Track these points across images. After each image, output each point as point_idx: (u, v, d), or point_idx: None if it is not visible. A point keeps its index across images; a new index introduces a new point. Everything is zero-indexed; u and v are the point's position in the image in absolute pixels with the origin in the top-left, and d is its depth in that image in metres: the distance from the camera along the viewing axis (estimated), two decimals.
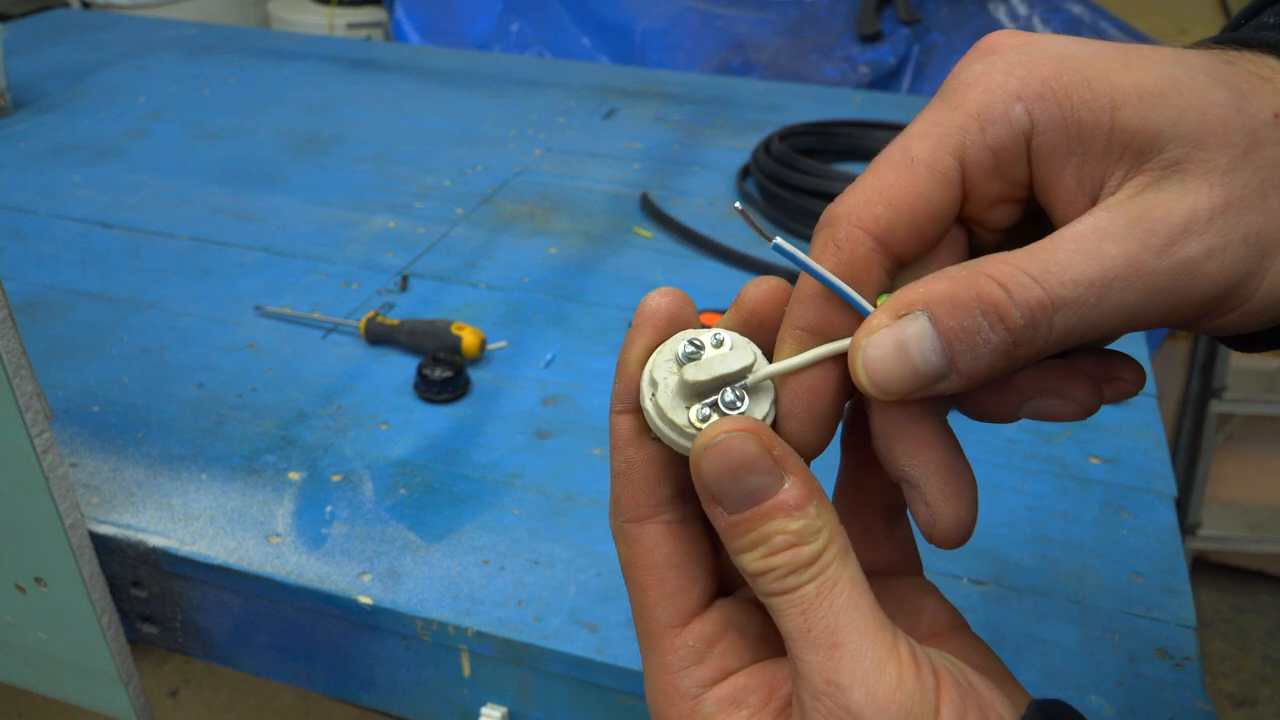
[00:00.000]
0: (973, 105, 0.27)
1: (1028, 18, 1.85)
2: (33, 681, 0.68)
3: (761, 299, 0.30)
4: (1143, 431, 0.73)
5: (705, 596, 0.30)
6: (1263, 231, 0.25)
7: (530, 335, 0.83)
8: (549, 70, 1.46)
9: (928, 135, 0.28)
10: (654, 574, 0.30)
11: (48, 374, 0.76)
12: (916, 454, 0.29)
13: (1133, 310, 0.25)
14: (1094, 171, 0.27)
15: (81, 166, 1.12)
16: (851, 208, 0.28)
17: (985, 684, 0.27)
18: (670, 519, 0.30)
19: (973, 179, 0.28)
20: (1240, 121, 0.26)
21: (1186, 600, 0.59)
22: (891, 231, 0.28)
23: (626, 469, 0.30)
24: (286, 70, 1.43)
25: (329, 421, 0.72)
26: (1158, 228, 0.25)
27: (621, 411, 0.30)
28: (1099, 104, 0.26)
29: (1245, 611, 1.89)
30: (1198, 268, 0.25)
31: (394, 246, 0.96)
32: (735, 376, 0.28)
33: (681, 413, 0.28)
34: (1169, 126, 0.26)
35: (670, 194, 1.07)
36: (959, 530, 0.29)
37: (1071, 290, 0.25)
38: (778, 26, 1.90)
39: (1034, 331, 0.26)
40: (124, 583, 0.64)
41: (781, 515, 0.26)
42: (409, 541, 0.62)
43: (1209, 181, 0.25)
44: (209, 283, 0.90)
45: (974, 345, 0.26)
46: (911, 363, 0.27)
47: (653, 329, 0.29)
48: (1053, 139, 0.27)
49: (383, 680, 0.61)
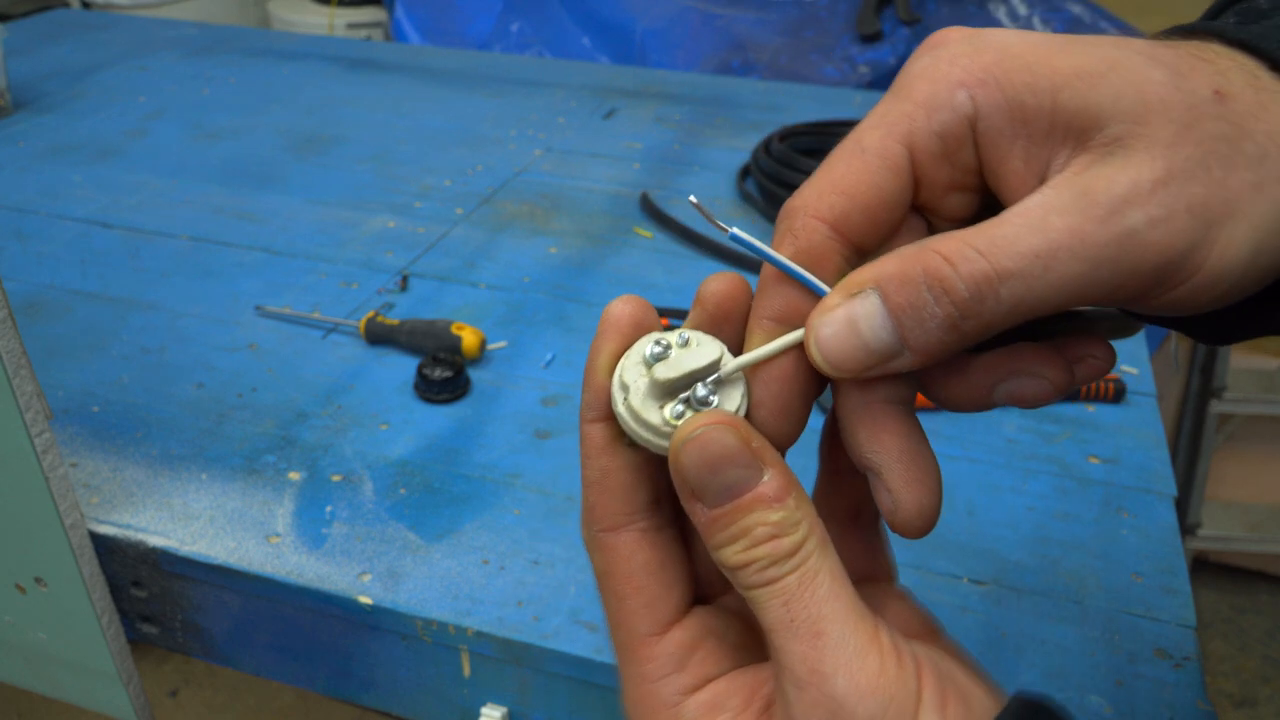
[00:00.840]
0: (919, 95, 0.28)
1: (1028, 18, 1.85)
2: (33, 681, 0.68)
3: (723, 294, 0.30)
4: (1143, 431, 0.73)
5: (683, 604, 0.30)
6: (1207, 201, 0.25)
7: (530, 335, 0.83)
8: (549, 70, 1.46)
9: (877, 126, 0.29)
10: (631, 582, 0.30)
11: (48, 374, 0.76)
12: (878, 440, 0.29)
13: (1079, 280, 0.26)
14: (1040, 153, 0.27)
15: (81, 166, 1.12)
16: (807, 199, 0.29)
17: (964, 674, 0.27)
18: (645, 526, 0.30)
19: (922, 165, 0.29)
20: (1179, 98, 0.26)
21: (1186, 600, 0.59)
22: (846, 219, 0.28)
23: (600, 478, 0.30)
24: (286, 70, 1.43)
25: (329, 421, 0.72)
26: (1100, 199, 0.25)
27: (593, 420, 0.30)
28: (1040, 87, 0.27)
29: (1245, 611, 1.89)
30: (1141, 237, 0.25)
31: (394, 246, 0.96)
32: (705, 371, 0.28)
33: (655, 412, 0.28)
34: (1109, 105, 0.26)
35: (670, 194, 1.07)
36: (921, 517, 0.29)
37: (1017, 262, 0.25)
38: (778, 26, 1.90)
39: (980, 304, 0.26)
40: (124, 583, 0.64)
41: (762, 507, 0.27)
42: (409, 541, 0.62)
43: (1150, 155, 0.26)
44: (209, 283, 0.90)
45: (921, 319, 0.26)
46: (862, 339, 0.27)
47: (618, 334, 0.30)
48: (997, 123, 0.27)
49: (383, 680, 0.61)
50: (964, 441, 0.72)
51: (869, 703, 0.25)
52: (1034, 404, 0.30)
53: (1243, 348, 1.80)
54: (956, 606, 0.59)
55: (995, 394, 0.30)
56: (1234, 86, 0.26)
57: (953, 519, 0.65)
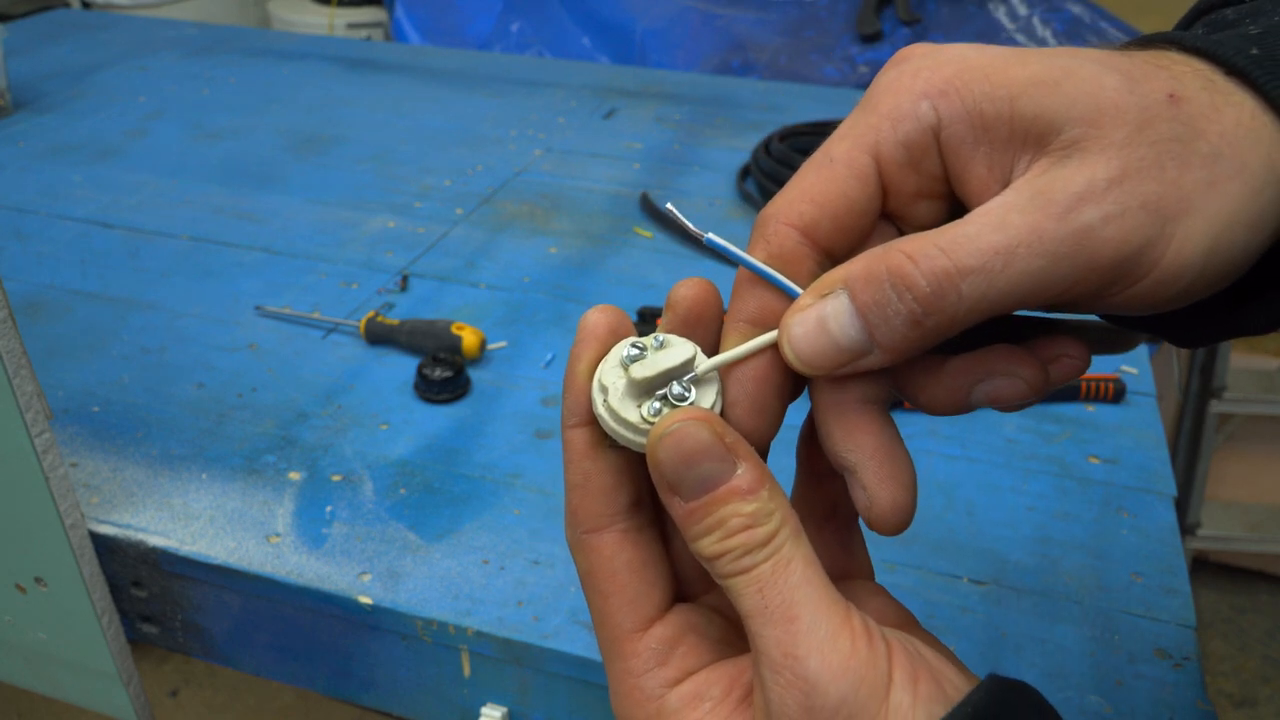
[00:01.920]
0: (884, 108, 0.30)
1: (1028, 18, 1.85)
2: (33, 681, 0.68)
3: (694, 298, 0.31)
4: (1143, 431, 0.73)
5: (665, 601, 0.31)
6: (1161, 198, 0.26)
7: (530, 335, 0.83)
8: (549, 70, 1.46)
9: (845, 137, 0.30)
10: (615, 581, 0.31)
11: (48, 374, 0.76)
12: (853, 439, 0.30)
13: (1038, 276, 0.26)
14: (1002, 160, 0.28)
15: (81, 166, 1.12)
16: (779, 208, 0.30)
17: (935, 655, 0.28)
18: (626, 526, 0.31)
19: (889, 173, 0.30)
20: (1133, 101, 0.27)
21: (1186, 600, 0.59)
22: (816, 226, 0.30)
23: (583, 481, 0.31)
24: (286, 70, 1.43)
25: (329, 421, 0.72)
26: (1057, 197, 0.27)
27: (575, 425, 0.31)
28: (998, 95, 0.28)
29: (1245, 611, 1.89)
30: (1096, 233, 0.26)
31: (394, 246, 0.96)
32: (680, 369, 0.29)
33: (633, 411, 0.29)
34: (1064, 110, 0.27)
35: (670, 194, 1.07)
36: (896, 513, 0.30)
37: (977, 258, 0.26)
38: (778, 26, 1.90)
39: (941, 299, 0.27)
40: (124, 583, 0.64)
41: (736, 499, 0.27)
42: (409, 541, 0.62)
43: (1105, 156, 0.27)
44: (209, 283, 0.90)
45: (886, 316, 0.27)
46: (831, 336, 0.28)
47: (595, 341, 0.31)
48: (959, 131, 0.29)
49: (383, 680, 0.61)
50: (964, 441, 0.72)
51: (840, 683, 0.26)
52: (1011, 405, 0.31)
53: (1242, 348, 1.80)
54: (956, 606, 0.59)
55: (973, 396, 0.30)
56: (1188, 90, 0.27)
57: (953, 519, 0.65)
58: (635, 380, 0.29)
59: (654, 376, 0.29)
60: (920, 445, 0.71)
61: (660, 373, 0.29)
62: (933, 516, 0.65)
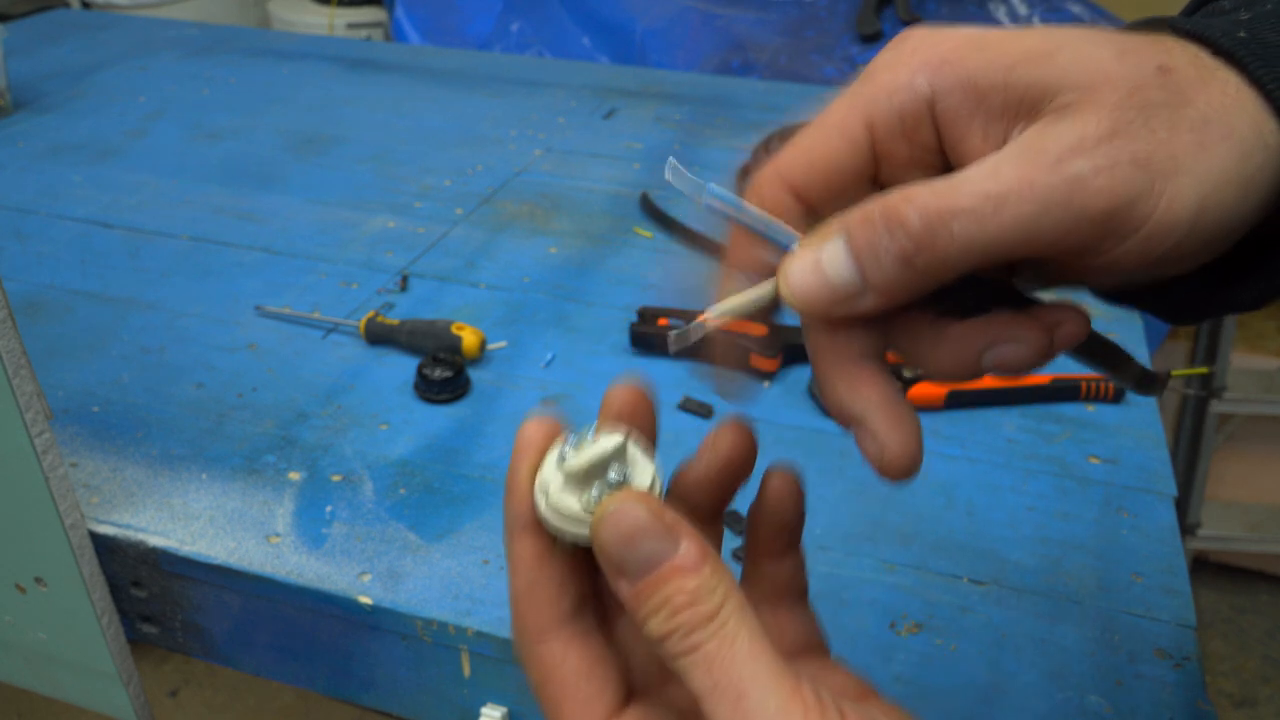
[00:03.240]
0: (881, 80, 0.31)
1: (1028, 17, 1.85)
2: (33, 681, 0.68)
3: (624, 401, 0.33)
4: (1143, 431, 0.73)
5: (615, 703, 0.31)
6: (1152, 155, 0.27)
7: (530, 335, 0.83)
8: (549, 70, 1.46)
9: (841, 106, 0.32)
10: (565, 688, 0.31)
11: (48, 374, 0.76)
12: (857, 391, 0.31)
13: (1029, 223, 0.27)
14: (997, 128, 0.30)
15: (81, 166, 1.12)
16: (774, 168, 0.32)
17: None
18: (574, 631, 0.31)
19: (882, 141, 0.31)
20: (1124, 71, 0.28)
21: (1186, 600, 0.59)
22: (808, 187, 0.32)
23: (528, 589, 0.31)
24: (286, 70, 1.43)
25: (329, 421, 0.72)
26: (1049, 148, 0.28)
27: (520, 531, 0.31)
28: (993, 66, 0.29)
29: (1245, 611, 1.89)
30: (1087, 183, 0.27)
31: (394, 246, 0.96)
32: (613, 455, 0.30)
33: (574, 503, 0.30)
34: (1058, 79, 0.28)
35: (670, 194, 1.07)
36: (908, 457, 0.31)
37: (969, 200, 0.27)
38: (778, 26, 1.90)
39: (933, 237, 0.28)
40: (124, 583, 0.64)
41: (679, 577, 0.27)
42: (409, 541, 0.62)
43: (1096, 115, 0.28)
44: (209, 283, 0.90)
45: (877, 254, 0.29)
46: (825, 276, 0.30)
47: (532, 449, 0.31)
48: (955, 102, 0.30)
49: (383, 680, 0.61)
50: (964, 441, 0.72)
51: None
52: (1018, 368, 0.31)
53: (1242, 347, 1.80)
54: (956, 606, 0.59)
55: (983, 360, 0.31)
56: (1177, 63, 0.28)
57: (953, 519, 0.65)
58: (571, 471, 0.29)
59: (586, 465, 0.29)
60: None
61: (594, 460, 0.29)
62: (933, 516, 0.65)
